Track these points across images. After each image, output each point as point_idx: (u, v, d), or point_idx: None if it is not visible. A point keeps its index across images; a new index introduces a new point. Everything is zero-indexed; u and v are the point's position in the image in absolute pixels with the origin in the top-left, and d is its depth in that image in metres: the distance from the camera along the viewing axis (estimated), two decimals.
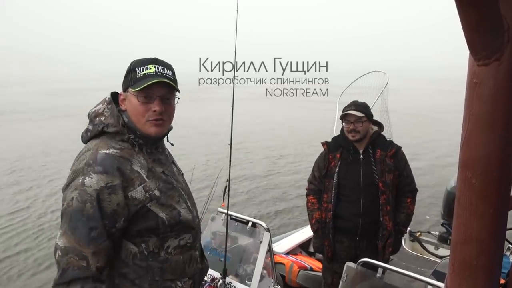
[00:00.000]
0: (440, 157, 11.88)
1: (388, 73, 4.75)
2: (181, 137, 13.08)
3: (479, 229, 0.73)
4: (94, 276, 1.34)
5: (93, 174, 1.35)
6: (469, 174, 0.73)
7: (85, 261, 1.33)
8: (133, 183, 1.41)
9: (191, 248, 1.60)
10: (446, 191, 4.71)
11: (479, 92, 0.71)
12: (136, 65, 1.48)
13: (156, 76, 1.45)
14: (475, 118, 0.72)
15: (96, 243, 1.34)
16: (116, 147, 1.44)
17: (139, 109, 1.47)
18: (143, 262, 1.46)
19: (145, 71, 1.46)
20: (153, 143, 1.55)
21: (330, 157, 2.98)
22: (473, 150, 0.73)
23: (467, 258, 0.75)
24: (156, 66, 1.47)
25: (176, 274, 1.54)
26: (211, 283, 2.88)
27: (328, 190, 2.95)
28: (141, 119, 1.48)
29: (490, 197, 0.71)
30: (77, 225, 1.33)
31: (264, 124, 18.63)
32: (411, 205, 2.92)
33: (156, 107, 1.47)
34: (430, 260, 4.35)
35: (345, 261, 2.79)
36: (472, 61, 0.72)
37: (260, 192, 8.99)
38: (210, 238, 3.30)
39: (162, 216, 1.46)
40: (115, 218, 1.38)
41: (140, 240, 1.46)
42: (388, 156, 2.84)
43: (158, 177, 1.50)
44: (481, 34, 0.67)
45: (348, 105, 2.92)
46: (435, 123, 18.84)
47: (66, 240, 1.33)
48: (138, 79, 1.45)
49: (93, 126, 1.50)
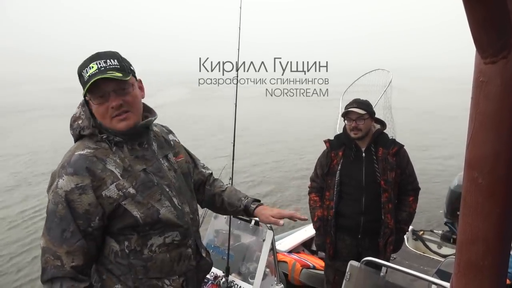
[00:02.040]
0: (443, 156, 11.85)
1: (391, 71, 4.74)
2: (182, 134, 13.08)
3: (485, 229, 0.72)
4: (70, 275, 1.37)
5: (64, 176, 1.38)
6: (475, 173, 0.72)
7: (59, 260, 1.36)
8: (105, 182, 1.41)
9: (179, 245, 1.57)
10: (450, 190, 4.70)
11: (486, 90, 0.69)
12: (80, 69, 1.44)
13: (99, 73, 1.39)
14: (482, 117, 0.71)
15: (69, 243, 1.37)
16: (92, 147, 1.45)
17: (99, 111, 1.46)
18: (125, 260, 1.47)
19: (88, 72, 1.41)
20: (133, 139, 1.53)
21: (332, 155, 2.97)
22: (480, 149, 0.72)
23: (473, 258, 0.74)
24: (98, 62, 1.42)
25: (162, 272, 1.53)
26: (214, 281, 2.88)
27: (330, 188, 2.95)
28: (106, 119, 1.47)
29: (497, 197, 0.70)
30: (51, 226, 1.38)
31: (266, 123, 18.64)
32: (413, 203, 2.91)
33: (112, 103, 1.43)
34: (433, 259, 4.34)
35: (347, 259, 2.79)
36: (478, 58, 0.71)
37: (263, 190, 9.00)
38: (213, 236, 3.30)
39: (136, 215, 1.45)
40: (89, 217, 1.39)
41: (123, 237, 1.47)
42: (390, 154, 2.83)
43: (136, 175, 1.48)
44: (488, 31, 0.66)
45: (350, 102, 2.91)
46: (439, 121, 18.78)
47: (44, 241, 1.39)
48: (86, 82, 1.41)
49: (73, 131, 1.52)
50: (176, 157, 1.72)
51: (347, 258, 2.88)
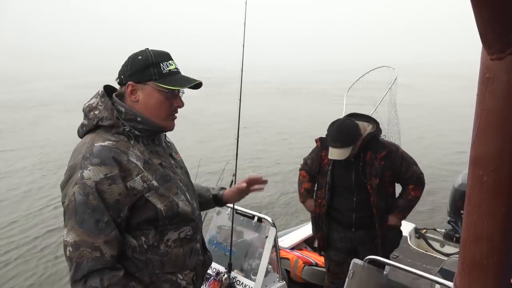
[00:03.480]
0: (448, 154, 11.80)
1: (397, 68, 4.71)
2: (185, 131, 13.15)
3: (490, 228, 0.71)
4: (110, 265, 1.35)
5: (90, 167, 1.35)
6: (480, 172, 0.71)
7: (98, 251, 1.33)
8: (130, 173, 1.41)
9: (191, 240, 1.60)
10: (453, 188, 4.68)
11: (492, 87, 0.68)
12: (158, 59, 1.49)
13: (179, 74, 1.52)
14: (487, 114, 0.70)
15: (105, 233, 1.35)
16: (112, 140, 1.44)
17: (163, 104, 1.51)
18: (143, 255, 1.47)
19: (169, 67, 1.50)
20: (150, 135, 1.56)
21: (323, 155, 2.96)
22: (485, 147, 0.71)
23: (477, 257, 0.74)
24: (174, 62, 1.53)
25: (176, 267, 1.54)
26: (216, 278, 2.88)
27: (321, 187, 2.97)
28: (162, 113, 1.52)
29: (502, 195, 0.70)
30: (83, 218, 1.34)
31: (271, 119, 18.63)
32: (412, 191, 2.87)
33: (180, 103, 1.54)
34: (436, 257, 4.33)
35: (341, 250, 2.95)
36: (485, 55, 0.70)
37: (266, 187, 8.99)
38: (216, 232, 3.30)
39: (160, 207, 1.46)
40: (119, 207, 1.39)
41: (140, 233, 1.47)
42: (377, 159, 2.76)
43: (155, 168, 1.50)
44: (495, 26, 0.65)
45: (332, 139, 2.72)
46: (445, 118, 18.68)
47: (75, 235, 1.33)
48: (165, 75, 1.48)
49: (88, 121, 1.49)
50: (176, 156, 1.77)
51: (340, 249, 2.99)
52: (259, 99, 25.30)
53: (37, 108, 22.32)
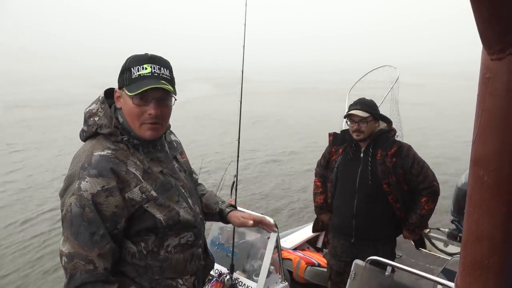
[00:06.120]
0: (451, 153, 11.77)
1: (399, 68, 4.71)
2: (187, 129, 13.15)
3: (491, 228, 0.71)
4: (103, 278, 1.35)
5: (88, 178, 1.34)
6: (481, 171, 0.71)
7: (91, 264, 1.33)
8: (129, 184, 1.39)
9: (192, 246, 1.59)
10: (457, 187, 4.67)
11: (492, 87, 0.68)
12: (131, 64, 1.42)
13: (152, 78, 1.39)
14: (488, 114, 0.70)
15: (100, 246, 1.34)
16: (111, 148, 1.42)
17: (133, 112, 1.42)
18: (142, 261, 1.46)
19: (140, 72, 1.40)
20: (149, 142, 1.52)
21: (333, 150, 2.97)
22: (486, 147, 0.71)
23: (478, 257, 0.73)
24: (152, 66, 1.41)
25: (177, 272, 1.53)
26: (218, 279, 2.88)
27: (329, 181, 3.00)
28: (136, 121, 1.44)
29: (503, 195, 0.69)
30: (79, 230, 1.33)
31: (274, 118, 18.64)
32: (425, 204, 2.72)
33: (152, 111, 1.42)
34: (439, 257, 4.32)
35: (342, 259, 2.87)
36: (485, 55, 0.69)
37: (268, 187, 9.00)
38: (218, 233, 3.30)
39: (159, 217, 1.44)
40: (116, 219, 1.38)
41: (139, 239, 1.46)
42: (388, 156, 2.71)
43: (155, 177, 1.48)
44: (495, 26, 0.65)
45: (354, 103, 2.81)
46: (449, 117, 18.63)
47: (70, 246, 1.33)
48: (133, 80, 1.40)
49: (88, 127, 1.47)
50: (181, 157, 1.74)
51: (341, 257, 2.89)
52: (261, 98, 25.34)
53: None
